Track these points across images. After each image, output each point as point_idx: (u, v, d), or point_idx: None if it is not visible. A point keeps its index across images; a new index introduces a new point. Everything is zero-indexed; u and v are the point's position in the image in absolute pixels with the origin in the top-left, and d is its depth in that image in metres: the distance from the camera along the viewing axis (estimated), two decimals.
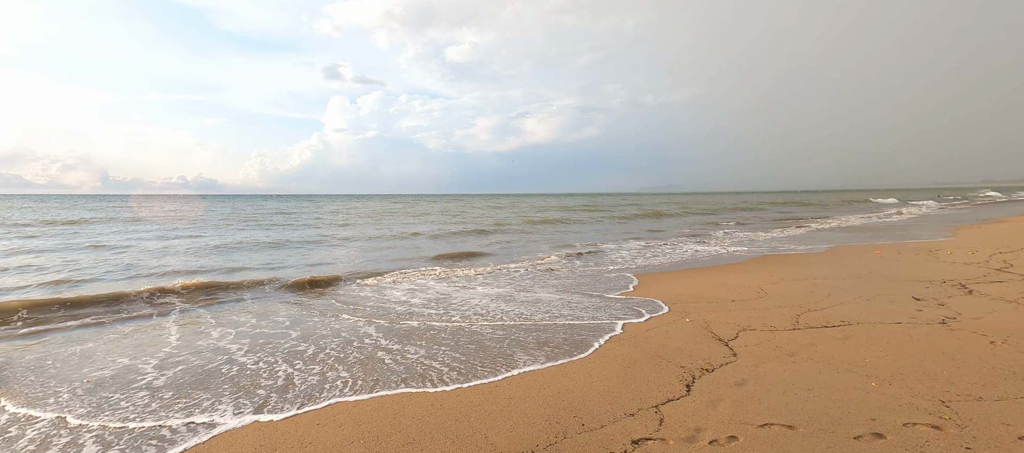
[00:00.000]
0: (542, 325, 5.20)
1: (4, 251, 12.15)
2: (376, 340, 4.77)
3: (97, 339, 4.99)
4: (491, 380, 3.68)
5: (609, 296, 6.69)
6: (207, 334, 5.11)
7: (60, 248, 12.79)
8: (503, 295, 6.84)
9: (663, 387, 3.42)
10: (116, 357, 4.38)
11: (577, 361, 4.06)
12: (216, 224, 21.86)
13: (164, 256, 11.48)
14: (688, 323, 5.07)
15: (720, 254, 11.37)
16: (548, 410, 3.13)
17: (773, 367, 3.72)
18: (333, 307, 6.32)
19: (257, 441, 2.82)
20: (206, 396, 3.47)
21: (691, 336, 4.61)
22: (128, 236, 16.09)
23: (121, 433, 2.95)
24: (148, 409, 3.27)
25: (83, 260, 10.65)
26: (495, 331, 5.00)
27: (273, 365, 4.09)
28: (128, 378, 3.85)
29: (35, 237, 15.57)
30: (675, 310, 5.68)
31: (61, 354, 4.49)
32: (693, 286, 7.15)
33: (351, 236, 16.94)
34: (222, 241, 14.88)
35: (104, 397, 3.48)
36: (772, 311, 5.43)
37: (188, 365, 4.14)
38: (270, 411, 3.19)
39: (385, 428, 2.95)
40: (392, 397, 3.41)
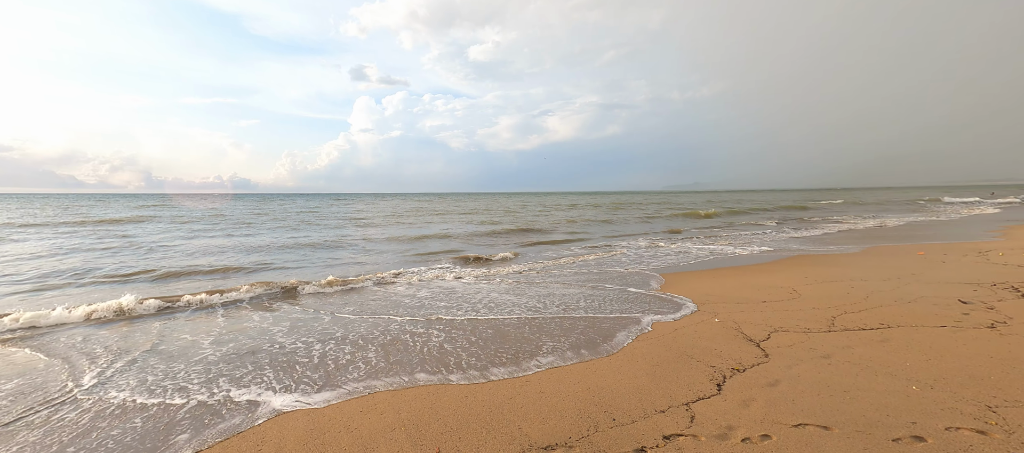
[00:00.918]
0: (570, 321, 5.28)
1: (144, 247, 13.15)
2: (428, 332, 4.97)
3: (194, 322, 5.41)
4: (522, 375, 3.80)
5: (638, 294, 6.69)
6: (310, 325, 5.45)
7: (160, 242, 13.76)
8: (537, 292, 6.95)
9: (693, 386, 3.45)
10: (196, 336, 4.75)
11: (606, 358, 4.12)
12: (276, 224, 22.11)
13: (256, 253, 12.14)
14: (718, 323, 5.03)
15: (754, 254, 11.11)
16: (578, 404, 3.22)
17: (807, 368, 3.68)
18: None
19: (307, 425, 3.03)
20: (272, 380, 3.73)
21: (721, 336, 4.59)
22: (203, 233, 17.09)
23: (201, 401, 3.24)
24: (209, 381, 3.56)
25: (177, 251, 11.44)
26: (521, 326, 5.11)
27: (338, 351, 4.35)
28: (190, 353, 4.18)
29: (129, 235, 16.75)
30: (704, 310, 5.64)
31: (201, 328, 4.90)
32: (722, 286, 7.05)
33: (431, 234, 17.44)
34: (316, 238, 15.60)
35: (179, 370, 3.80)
36: (805, 312, 5.32)
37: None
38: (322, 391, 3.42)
39: (424, 417, 3.11)
40: (428, 388, 3.57)
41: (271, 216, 27.40)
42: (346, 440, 2.83)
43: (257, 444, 2.81)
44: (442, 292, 7.16)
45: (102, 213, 28.06)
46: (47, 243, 13.83)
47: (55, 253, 11.77)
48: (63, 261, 10.48)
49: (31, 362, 4.29)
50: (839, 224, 19.50)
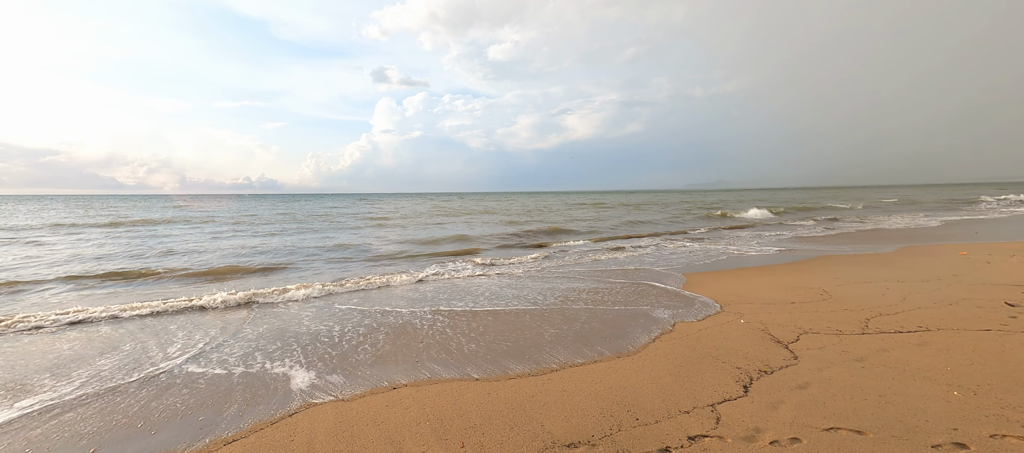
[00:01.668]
0: (590, 321, 5.26)
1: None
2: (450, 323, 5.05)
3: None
4: (543, 373, 3.81)
5: (661, 294, 6.60)
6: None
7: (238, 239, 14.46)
8: (556, 290, 6.95)
9: (718, 387, 3.39)
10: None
11: (628, 358, 4.09)
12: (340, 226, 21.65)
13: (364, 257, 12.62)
14: (743, 324, 4.92)
15: (779, 253, 10.79)
16: (601, 404, 3.21)
17: (839, 371, 3.56)
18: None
19: (336, 417, 3.13)
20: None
21: (747, 337, 4.49)
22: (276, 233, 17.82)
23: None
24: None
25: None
26: (541, 325, 5.12)
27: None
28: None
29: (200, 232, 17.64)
30: (729, 310, 5.52)
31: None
32: (748, 287, 6.88)
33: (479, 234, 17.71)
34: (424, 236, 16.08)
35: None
36: (837, 314, 5.14)
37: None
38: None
39: (447, 412, 3.16)
40: (451, 384, 3.63)
41: (325, 219, 27.92)
42: (373, 433, 2.92)
43: (290, 434, 2.92)
44: (461, 288, 7.24)
45: (174, 214, 29.44)
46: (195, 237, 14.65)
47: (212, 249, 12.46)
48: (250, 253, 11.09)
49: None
50: (860, 224, 18.70)
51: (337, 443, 2.81)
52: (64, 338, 5.00)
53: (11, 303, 6.79)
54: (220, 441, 2.87)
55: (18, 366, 4.18)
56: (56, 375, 3.95)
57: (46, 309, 6.20)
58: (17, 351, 4.61)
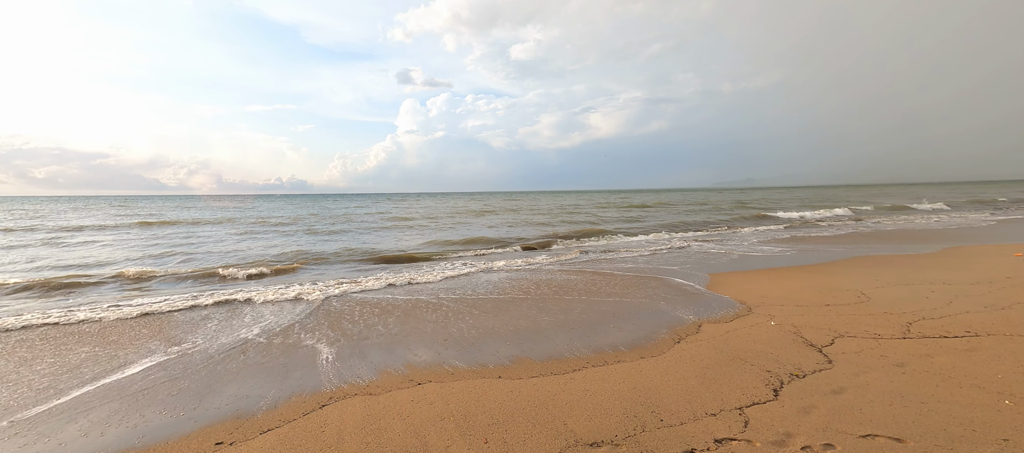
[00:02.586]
0: (613, 321, 5.21)
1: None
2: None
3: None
4: (565, 373, 3.81)
5: (687, 295, 6.47)
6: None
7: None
8: (577, 290, 6.92)
9: (747, 390, 3.31)
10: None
11: (652, 359, 4.03)
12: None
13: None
14: (774, 326, 4.77)
15: (812, 253, 10.36)
16: (624, 404, 3.19)
17: (877, 377, 3.41)
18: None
19: (364, 411, 3.23)
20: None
21: (777, 340, 4.35)
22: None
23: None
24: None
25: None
26: (563, 324, 5.11)
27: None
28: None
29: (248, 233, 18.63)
30: (758, 312, 5.36)
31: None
32: (779, 288, 6.65)
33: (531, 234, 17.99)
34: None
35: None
36: (876, 317, 4.91)
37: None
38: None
39: (471, 408, 3.21)
40: (475, 382, 3.68)
41: (358, 222, 28.87)
42: (399, 426, 3.00)
43: (321, 425, 3.04)
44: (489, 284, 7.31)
45: (225, 214, 31.03)
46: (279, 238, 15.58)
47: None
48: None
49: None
50: (891, 217, 17.67)
51: (365, 435, 2.90)
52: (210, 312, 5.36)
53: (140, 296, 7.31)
54: (256, 429, 3.01)
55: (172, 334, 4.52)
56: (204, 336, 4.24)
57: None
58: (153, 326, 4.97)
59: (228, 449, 2.79)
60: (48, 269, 10.13)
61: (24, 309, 6.47)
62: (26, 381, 3.92)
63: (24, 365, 4.30)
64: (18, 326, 5.56)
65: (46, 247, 14.27)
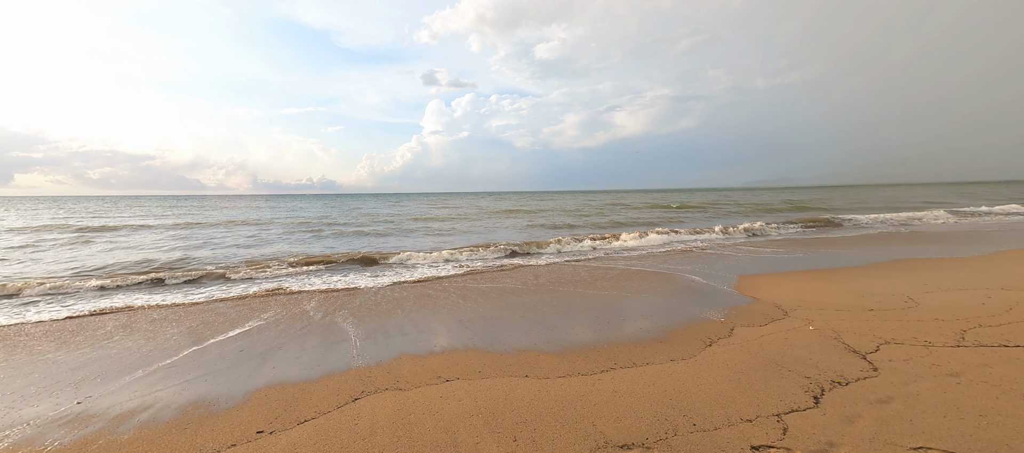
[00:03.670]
0: (643, 323, 5.12)
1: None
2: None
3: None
4: (593, 374, 3.77)
5: (720, 297, 6.28)
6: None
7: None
8: (604, 291, 6.84)
9: (785, 396, 3.18)
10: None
11: (683, 363, 3.94)
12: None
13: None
14: (813, 331, 4.56)
15: (853, 254, 9.85)
16: (655, 407, 3.13)
17: (929, 386, 3.21)
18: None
19: (395, 406, 3.30)
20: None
21: (817, 345, 4.16)
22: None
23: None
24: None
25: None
26: (591, 326, 5.06)
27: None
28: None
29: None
30: (795, 316, 5.14)
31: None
32: (817, 290, 6.36)
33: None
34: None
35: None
36: (926, 324, 4.62)
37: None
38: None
39: (499, 406, 3.23)
40: (503, 380, 3.70)
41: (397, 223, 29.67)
42: (429, 422, 3.04)
43: (354, 418, 3.13)
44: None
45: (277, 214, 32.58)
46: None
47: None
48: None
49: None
50: (930, 210, 16.52)
51: (397, 429, 2.96)
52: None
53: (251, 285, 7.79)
54: (293, 420, 3.13)
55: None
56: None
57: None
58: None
59: (268, 438, 2.90)
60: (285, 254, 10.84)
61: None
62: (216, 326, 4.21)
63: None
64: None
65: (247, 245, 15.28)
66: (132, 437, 2.96)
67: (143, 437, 2.95)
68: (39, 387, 3.79)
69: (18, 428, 3.11)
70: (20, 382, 3.91)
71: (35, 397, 3.60)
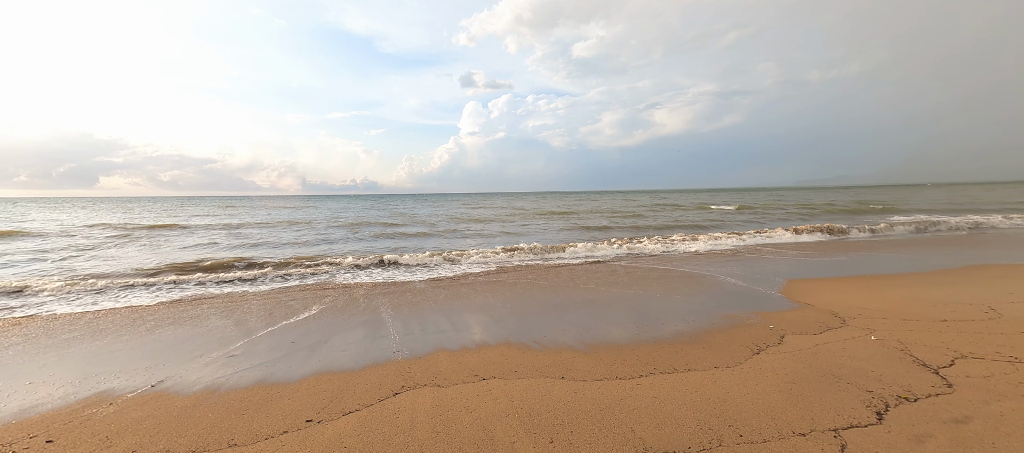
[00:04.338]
0: (683, 326, 4.94)
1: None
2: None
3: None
4: (631, 378, 3.69)
5: (770, 303, 5.96)
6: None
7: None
8: (647, 294, 6.67)
9: (843, 410, 2.96)
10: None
11: (728, 370, 3.76)
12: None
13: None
14: (875, 341, 4.22)
15: (919, 257, 9.01)
16: (698, 414, 3.01)
17: (1014, 406, 2.88)
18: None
19: (433, 402, 3.38)
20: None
21: (880, 357, 3.84)
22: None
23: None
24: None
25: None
26: (628, 325, 4.94)
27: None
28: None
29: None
30: (854, 325, 4.78)
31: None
32: (880, 298, 5.88)
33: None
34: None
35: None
36: (1010, 337, 4.16)
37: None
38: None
39: (535, 407, 3.22)
40: (539, 381, 3.69)
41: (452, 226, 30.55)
42: (466, 419, 3.09)
43: (395, 412, 3.23)
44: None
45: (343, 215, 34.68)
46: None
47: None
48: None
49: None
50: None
51: (435, 424, 3.03)
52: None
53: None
54: (339, 411, 3.27)
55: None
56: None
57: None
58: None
59: (316, 427, 3.06)
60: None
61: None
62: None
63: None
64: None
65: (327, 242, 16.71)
66: (199, 418, 3.21)
67: (208, 420, 3.19)
68: (119, 368, 4.20)
69: (99, 408, 3.46)
70: (103, 364, 4.35)
71: (116, 376, 3.99)
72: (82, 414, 3.32)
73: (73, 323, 5.85)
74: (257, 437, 2.94)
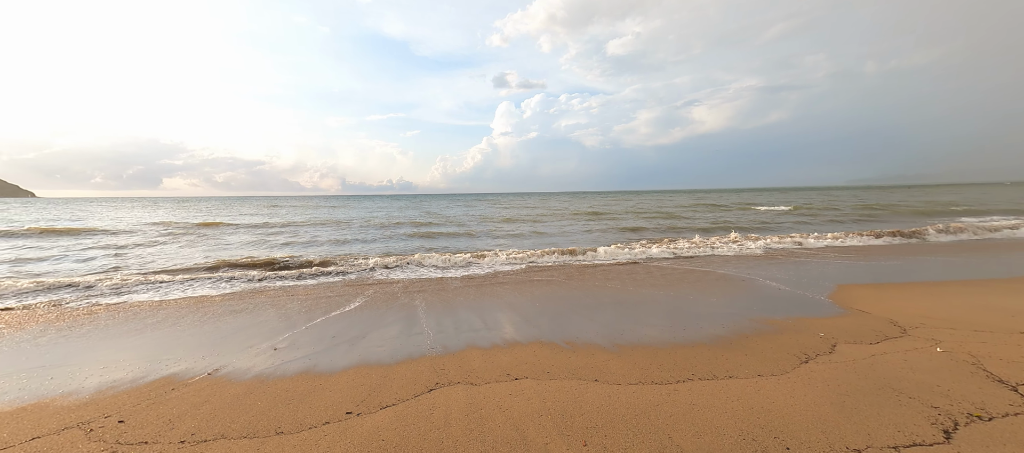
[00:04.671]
0: (724, 331, 4.74)
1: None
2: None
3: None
4: (668, 384, 3.58)
5: (812, 306, 5.61)
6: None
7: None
8: (674, 295, 6.47)
9: (904, 427, 2.74)
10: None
11: (772, 378, 3.58)
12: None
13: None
14: (941, 353, 3.88)
15: (990, 262, 8.19)
16: (740, 424, 2.88)
17: None
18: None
19: (467, 400, 3.42)
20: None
21: (947, 370, 3.53)
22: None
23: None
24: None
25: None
26: (666, 329, 4.80)
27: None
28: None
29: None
30: (916, 334, 4.41)
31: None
32: (946, 306, 5.40)
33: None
34: None
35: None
36: None
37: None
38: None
39: (568, 409, 3.20)
40: (571, 383, 3.65)
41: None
42: (499, 418, 3.11)
43: (429, 408, 3.30)
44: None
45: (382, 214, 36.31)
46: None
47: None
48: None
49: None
50: None
51: (469, 422, 3.07)
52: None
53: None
54: (376, 404, 3.38)
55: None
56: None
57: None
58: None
59: (356, 419, 3.18)
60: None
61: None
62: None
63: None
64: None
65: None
66: (250, 406, 3.41)
67: (258, 408, 3.39)
68: (181, 355, 4.54)
69: (164, 392, 3.75)
70: (168, 350, 4.71)
71: (178, 362, 4.32)
72: (149, 396, 3.62)
73: (140, 312, 6.38)
74: (302, 426, 3.09)
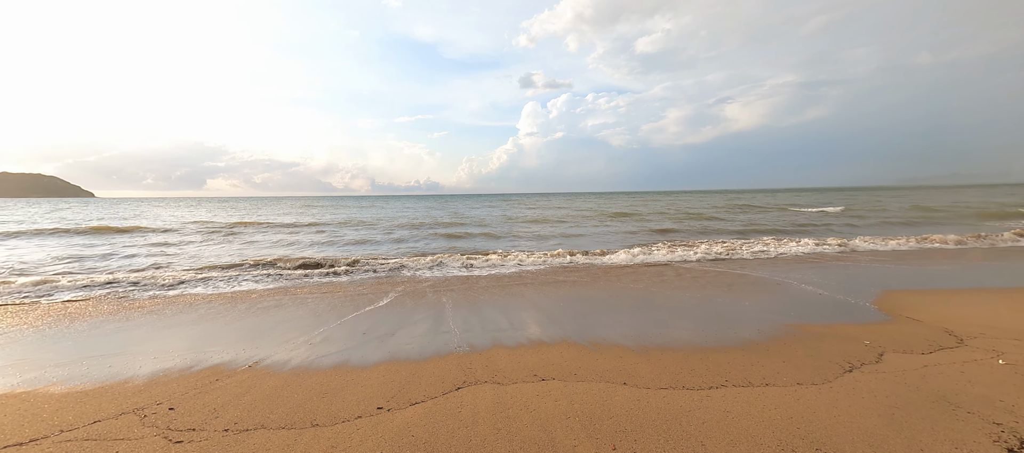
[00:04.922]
0: (762, 339, 4.56)
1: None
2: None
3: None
4: (700, 390, 3.48)
5: (856, 312, 5.32)
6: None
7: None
8: (702, 297, 6.28)
9: (962, 444, 2.56)
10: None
11: (813, 388, 3.41)
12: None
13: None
14: (1003, 365, 3.60)
15: None
16: (778, 435, 2.77)
17: None
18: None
19: (495, 399, 3.44)
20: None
21: (1011, 384, 3.27)
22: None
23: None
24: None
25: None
26: (690, 341, 4.67)
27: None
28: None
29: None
30: (974, 345, 4.11)
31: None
32: (1010, 314, 4.99)
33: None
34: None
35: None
36: None
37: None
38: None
39: (597, 412, 3.16)
40: (600, 385, 3.61)
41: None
42: (526, 418, 3.11)
43: (457, 406, 3.34)
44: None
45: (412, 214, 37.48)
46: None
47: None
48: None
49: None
50: None
51: (496, 421, 3.09)
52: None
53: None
54: (406, 401, 3.46)
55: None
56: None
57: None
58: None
59: (386, 415, 3.26)
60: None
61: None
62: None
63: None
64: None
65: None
66: (288, 398, 3.56)
67: (294, 400, 3.53)
68: (226, 347, 4.79)
69: (210, 381, 3.96)
70: (213, 342, 4.98)
71: (223, 353, 4.56)
72: (197, 385, 3.84)
73: (187, 305, 6.78)
74: (335, 420, 3.19)
